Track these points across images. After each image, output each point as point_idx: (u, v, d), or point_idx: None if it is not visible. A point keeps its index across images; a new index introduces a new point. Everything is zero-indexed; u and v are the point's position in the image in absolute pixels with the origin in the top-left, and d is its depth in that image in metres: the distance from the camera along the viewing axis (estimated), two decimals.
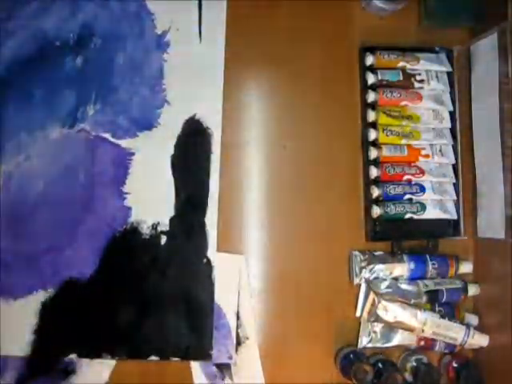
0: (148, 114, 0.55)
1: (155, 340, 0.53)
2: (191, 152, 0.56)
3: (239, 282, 0.57)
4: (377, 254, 0.59)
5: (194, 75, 0.56)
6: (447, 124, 0.61)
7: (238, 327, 0.57)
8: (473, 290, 0.60)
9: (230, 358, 0.56)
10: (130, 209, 0.54)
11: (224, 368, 0.56)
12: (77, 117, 0.54)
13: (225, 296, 0.56)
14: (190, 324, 0.54)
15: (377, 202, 0.59)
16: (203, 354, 0.54)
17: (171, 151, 0.55)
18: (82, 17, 0.54)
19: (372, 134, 0.59)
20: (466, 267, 0.61)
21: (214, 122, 0.56)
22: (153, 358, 0.53)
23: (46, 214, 0.52)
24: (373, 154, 0.59)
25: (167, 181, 0.55)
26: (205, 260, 0.55)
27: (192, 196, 0.55)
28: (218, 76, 0.56)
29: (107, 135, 0.54)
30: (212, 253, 0.55)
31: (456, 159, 0.61)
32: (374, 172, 0.59)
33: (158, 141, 0.55)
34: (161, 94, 0.55)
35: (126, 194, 0.54)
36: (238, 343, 0.56)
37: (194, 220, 0.55)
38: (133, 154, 0.54)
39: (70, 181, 0.53)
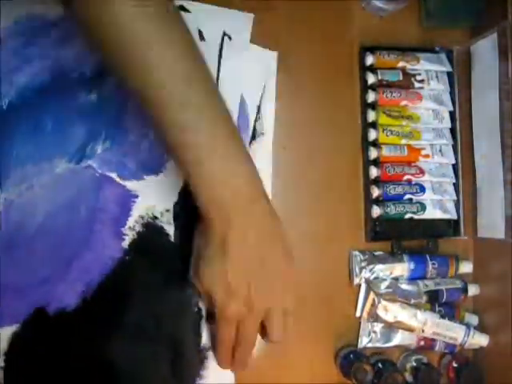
0: (156, 158, 0.54)
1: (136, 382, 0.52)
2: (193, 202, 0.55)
3: (266, 77, 0.57)
4: (377, 253, 0.59)
5: None
6: (447, 124, 0.61)
7: (256, 120, 0.56)
8: (473, 290, 0.60)
9: None
10: (127, 250, 0.52)
11: None
12: (85, 153, 0.52)
13: (249, 89, 0.55)
14: (173, 371, 0.52)
15: (377, 201, 0.59)
16: None
17: (175, 199, 0.54)
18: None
19: (372, 134, 0.59)
20: (466, 267, 0.61)
21: None
22: None
23: (43, 246, 0.51)
24: (373, 154, 0.59)
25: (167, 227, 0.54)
26: (196, 309, 0.53)
27: (190, 244, 0.53)
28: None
29: (113, 175, 0.52)
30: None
31: (456, 159, 0.61)
32: (373, 172, 0.59)
33: (163, 186, 0.54)
34: None
35: (125, 235, 0.52)
36: (253, 137, 0.56)
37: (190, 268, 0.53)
38: (137, 196, 0.53)
39: (71, 215, 0.51)
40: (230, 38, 0.56)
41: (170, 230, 0.54)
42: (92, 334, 0.51)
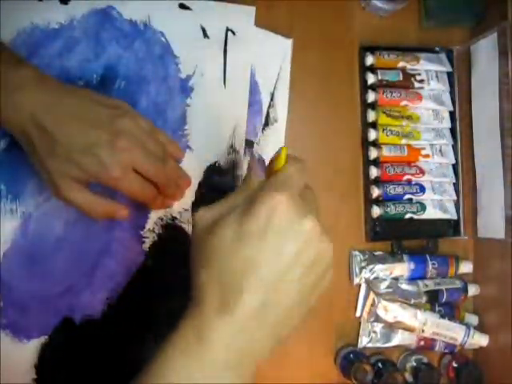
0: None
1: None
2: (212, 199, 0.54)
3: (281, 64, 0.57)
4: (377, 253, 0.59)
5: (217, 121, 0.55)
6: (447, 124, 0.61)
7: (269, 107, 0.57)
8: (473, 290, 0.60)
9: (255, 135, 0.56)
10: (148, 253, 0.52)
11: (247, 145, 0.56)
12: None
13: (264, 74, 0.56)
14: None
15: (377, 201, 0.59)
16: None
17: (192, 197, 0.54)
18: (107, 58, 0.53)
19: (372, 134, 0.59)
20: (466, 267, 0.61)
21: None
22: None
23: (65, 256, 0.51)
24: (373, 153, 0.59)
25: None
26: None
27: None
28: (240, 124, 0.55)
29: None
30: None
31: (456, 159, 0.61)
32: (373, 172, 0.59)
33: None
34: (183, 140, 0.54)
35: (145, 238, 0.53)
36: (266, 124, 0.57)
37: None
38: None
39: (90, 223, 0.51)
40: (233, 33, 0.56)
41: (190, 229, 0.53)
42: (119, 339, 0.51)
